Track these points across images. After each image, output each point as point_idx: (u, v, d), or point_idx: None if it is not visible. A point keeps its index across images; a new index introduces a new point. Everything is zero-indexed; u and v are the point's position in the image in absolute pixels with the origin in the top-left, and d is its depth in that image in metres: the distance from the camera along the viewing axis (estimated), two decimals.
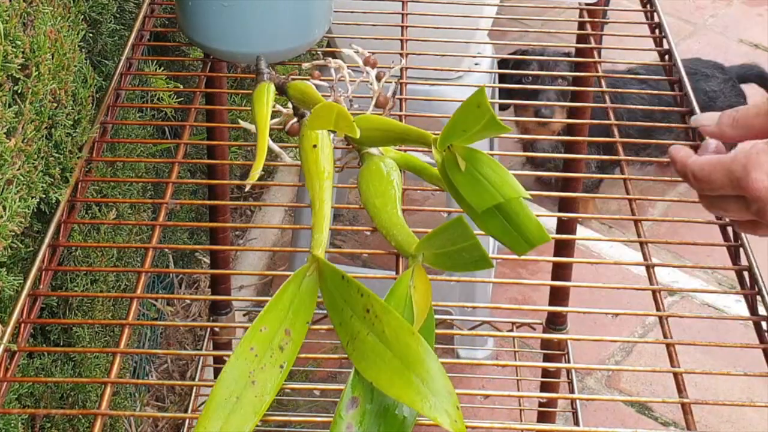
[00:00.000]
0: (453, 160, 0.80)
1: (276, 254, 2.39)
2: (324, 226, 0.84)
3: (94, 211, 1.30)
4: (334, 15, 1.21)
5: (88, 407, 1.32)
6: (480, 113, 0.74)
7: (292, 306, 0.74)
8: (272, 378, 0.70)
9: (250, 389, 0.69)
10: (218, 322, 1.72)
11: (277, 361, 0.71)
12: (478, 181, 0.78)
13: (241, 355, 0.71)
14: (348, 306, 0.70)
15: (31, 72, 0.95)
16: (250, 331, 0.72)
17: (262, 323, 0.72)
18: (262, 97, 0.98)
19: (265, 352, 0.71)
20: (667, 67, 1.28)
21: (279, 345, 0.71)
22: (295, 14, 1.12)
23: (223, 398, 0.69)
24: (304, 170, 0.91)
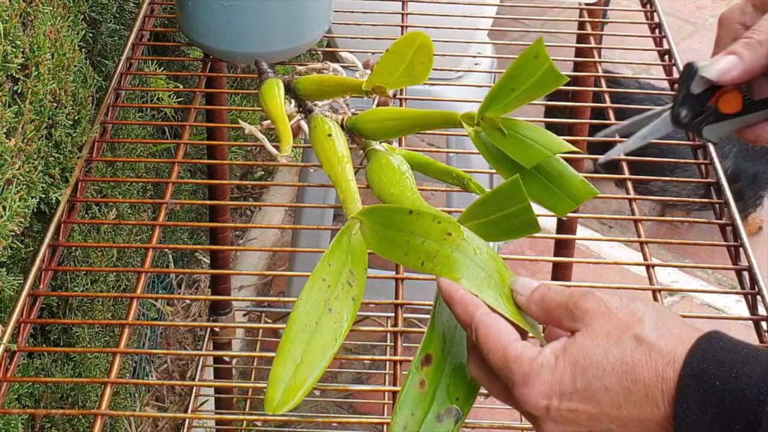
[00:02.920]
0: (493, 128, 0.80)
1: (276, 254, 2.39)
2: (356, 197, 0.84)
3: (94, 211, 1.30)
4: (334, 15, 1.21)
5: (88, 407, 1.32)
6: (538, 63, 0.74)
7: (349, 253, 0.74)
8: (347, 307, 0.70)
9: (327, 316, 0.70)
10: (218, 322, 1.72)
11: (349, 293, 0.71)
12: (522, 141, 0.79)
13: (315, 284, 0.71)
14: (416, 236, 0.71)
15: (31, 72, 0.95)
16: (320, 264, 0.72)
17: (330, 259, 0.73)
18: (272, 90, 0.98)
19: (336, 284, 0.72)
20: (667, 67, 1.28)
21: (347, 280, 0.72)
22: (295, 14, 1.12)
23: (303, 323, 0.69)
24: (322, 159, 0.91)
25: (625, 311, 0.63)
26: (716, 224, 1.05)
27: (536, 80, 0.75)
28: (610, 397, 0.61)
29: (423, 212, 0.71)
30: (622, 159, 1.13)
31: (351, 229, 0.76)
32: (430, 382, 0.70)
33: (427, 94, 1.50)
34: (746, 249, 1.00)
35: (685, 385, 0.58)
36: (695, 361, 0.59)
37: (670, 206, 2.45)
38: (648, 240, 1.02)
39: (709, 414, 0.57)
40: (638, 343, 0.61)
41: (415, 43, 0.83)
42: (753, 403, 0.56)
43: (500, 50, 1.94)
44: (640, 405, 0.60)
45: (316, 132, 0.93)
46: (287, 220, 2.46)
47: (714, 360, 0.58)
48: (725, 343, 0.59)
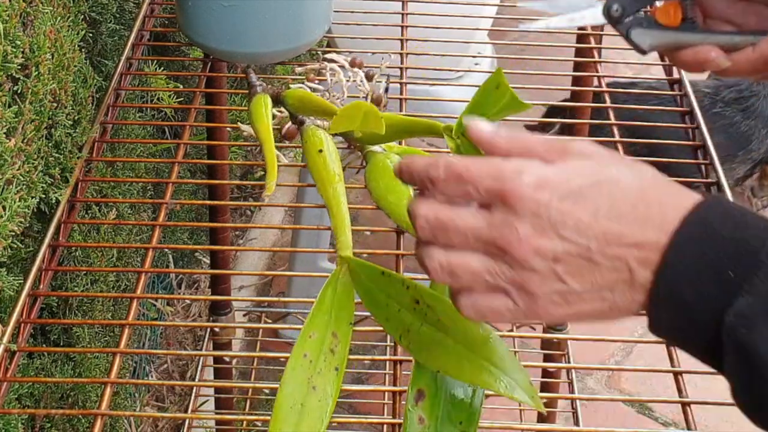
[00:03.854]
0: (470, 145, 0.80)
1: (276, 254, 2.39)
2: (346, 228, 0.84)
3: (94, 211, 1.30)
4: (334, 15, 1.21)
5: (88, 407, 1.32)
6: (499, 93, 0.74)
7: (333, 310, 0.74)
8: (330, 381, 0.71)
9: (312, 395, 0.70)
10: (218, 322, 1.71)
11: (332, 364, 0.71)
12: None
13: (297, 362, 0.71)
14: (393, 300, 0.70)
15: (31, 72, 0.95)
16: (300, 338, 0.72)
17: (311, 329, 0.73)
18: (260, 109, 0.98)
19: (319, 357, 0.72)
20: (667, 67, 1.28)
21: (330, 348, 0.72)
22: (295, 14, 1.12)
23: (288, 407, 0.69)
24: (314, 176, 0.91)
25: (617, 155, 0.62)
26: None
27: (501, 107, 0.76)
28: (612, 208, 0.58)
29: (393, 276, 0.71)
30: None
31: (337, 276, 0.76)
32: (428, 416, 0.70)
33: (426, 94, 1.50)
34: None
35: (689, 223, 0.57)
36: (701, 210, 0.57)
37: None
38: None
39: (706, 257, 0.56)
40: (654, 177, 0.60)
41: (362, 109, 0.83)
42: (754, 254, 0.55)
43: (500, 50, 1.94)
44: (634, 223, 0.58)
45: (308, 146, 0.94)
46: (287, 220, 2.46)
47: (720, 210, 0.57)
48: (727, 204, 0.58)
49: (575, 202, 0.59)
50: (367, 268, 0.74)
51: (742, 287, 0.54)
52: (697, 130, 1.17)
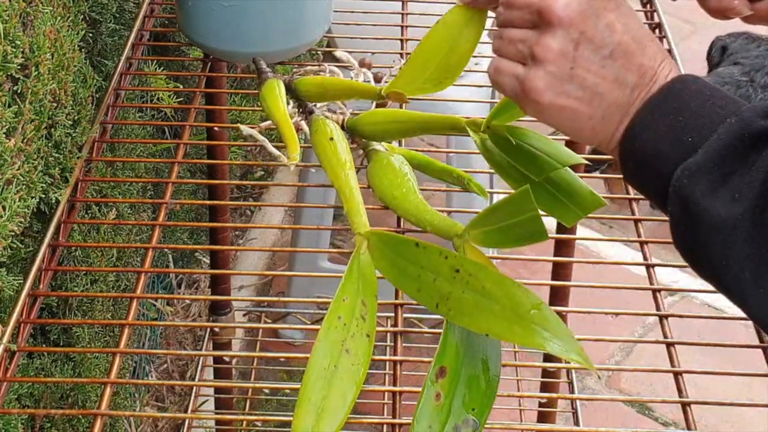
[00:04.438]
0: (499, 137, 0.80)
1: (276, 254, 2.39)
2: (361, 209, 0.84)
3: (93, 211, 1.30)
4: (334, 15, 1.21)
5: (88, 407, 1.32)
6: None
7: (360, 281, 0.74)
8: (362, 346, 0.71)
9: (345, 357, 0.70)
10: (218, 322, 1.71)
11: (363, 330, 0.71)
12: (530, 153, 0.79)
13: (332, 324, 0.71)
14: (427, 270, 0.70)
15: (31, 72, 0.95)
16: (335, 302, 0.72)
17: (344, 293, 0.73)
18: (273, 91, 0.98)
19: (352, 321, 0.72)
20: None
21: (361, 315, 0.72)
22: (295, 14, 1.12)
23: (322, 367, 0.69)
24: (324, 163, 0.90)
25: None
26: None
27: None
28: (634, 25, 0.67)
29: (429, 246, 0.71)
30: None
31: (360, 249, 0.76)
32: (445, 394, 0.70)
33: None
34: None
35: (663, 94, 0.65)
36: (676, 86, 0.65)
37: None
38: (648, 240, 1.02)
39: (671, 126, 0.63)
40: None
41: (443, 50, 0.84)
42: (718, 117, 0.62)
43: None
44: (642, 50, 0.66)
45: (318, 135, 0.93)
46: (287, 220, 2.46)
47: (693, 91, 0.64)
48: (703, 84, 0.65)
49: (613, 8, 0.66)
50: (396, 241, 0.74)
51: (696, 151, 0.62)
52: None
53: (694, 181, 0.61)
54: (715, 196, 0.60)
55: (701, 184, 0.61)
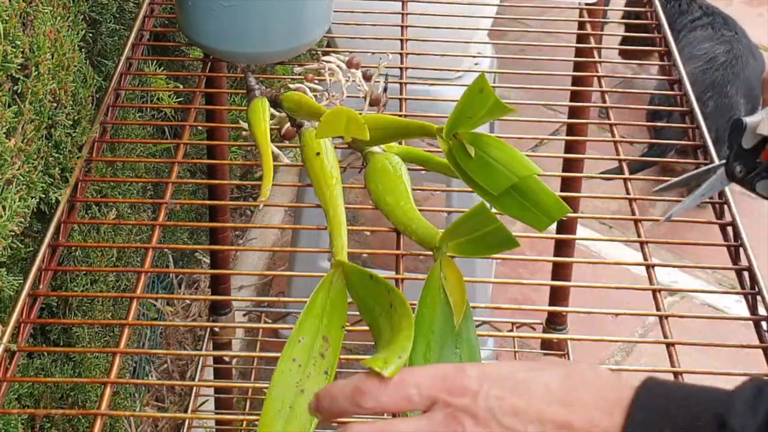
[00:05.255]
0: (461, 148, 0.81)
1: (276, 254, 2.39)
2: (342, 232, 0.85)
3: (93, 211, 1.30)
4: (334, 15, 1.21)
5: (88, 407, 1.32)
6: (484, 98, 0.75)
7: (325, 313, 0.74)
8: (319, 384, 0.70)
9: (300, 398, 0.70)
10: (218, 322, 1.72)
11: (321, 368, 0.71)
12: (489, 164, 0.79)
13: (285, 367, 0.71)
14: (377, 304, 0.71)
15: (31, 72, 0.95)
16: (289, 343, 0.72)
17: (300, 334, 0.73)
18: (257, 113, 0.98)
19: (308, 361, 0.72)
20: (667, 68, 1.28)
21: (320, 353, 0.72)
22: (295, 14, 1.12)
23: (277, 410, 0.69)
24: (311, 178, 0.91)
25: None
26: (717, 224, 1.05)
27: (487, 111, 0.77)
28: (547, 393, 0.60)
29: (379, 280, 0.71)
30: (623, 159, 1.13)
31: (331, 278, 0.76)
32: None
33: (427, 94, 1.50)
34: (746, 249, 1.00)
35: None
36: (639, 409, 0.58)
37: None
38: (648, 240, 1.02)
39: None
40: (590, 367, 0.62)
41: (343, 116, 0.84)
42: None
43: (500, 50, 1.94)
44: (567, 406, 0.59)
45: (306, 150, 0.94)
46: (287, 220, 2.46)
47: (660, 408, 0.58)
48: (667, 389, 0.59)
49: (512, 391, 0.60)
50: (357, 272, 0.74)
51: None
52: (697, 130, 1.17)
53: None
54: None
55: None
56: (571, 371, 0.61)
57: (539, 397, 0.60)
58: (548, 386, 0.60)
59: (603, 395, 0.59)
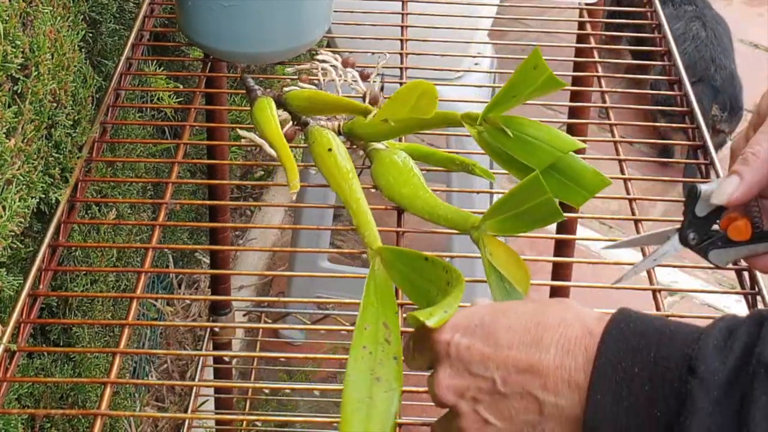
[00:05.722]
0: (496, 130, 0.81)
1: (276, 254, 2.39)
2: (370, 222, 0.84)
3: (93, 211, 1.30)
4: (334, 15, 1.21)
5: (88, 407, 1.32)
6: (537, 74, 0.75)
7: (378, 301, 0.74)
8: (392, 371, 0.70)
9: (377, 387, 0.69)
10: (218, 322, 1.71)
11: (390, 354, 0.71)
12: (528, 142, 0.80)
13: (357, 355, 0.71)
14: (434, 285, 0.71)
15: (31, 72, 0.95)
16: (357, 332, 0.72)
17: (364, 322, 0.73)
18: (265, 112, 0.97)
19: (377, 348, 0.71)
20: (667, 68, 1.28)
21: (384, 338, 0.72)
22: (295, 14, 1.12)
23: (356, 401, 0.69)
24: (326, 175, 0.91)
25: None
26: None
27: (536, 88, 0.77)
28: (509, 336, 0.61)
29: (436, 261, 0.71)
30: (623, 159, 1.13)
31: (374, 266, 0.76)
32: None
33: None
34: None
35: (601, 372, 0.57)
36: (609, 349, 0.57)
37: None
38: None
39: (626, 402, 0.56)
40: (559, 302, 0.62)
41: (418, 90, 0.83)
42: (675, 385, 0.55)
43: (500, 50, 1.94)
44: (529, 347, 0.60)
45: (316, 147, 0.93)
46: (287, 220, 2.46)
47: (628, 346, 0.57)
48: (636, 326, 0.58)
49: (479, 337, 0.62)
50: (407, 256, 0.74)
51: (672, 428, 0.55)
52: (697, 130, 1.17)
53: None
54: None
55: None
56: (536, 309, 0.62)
57: (503, 341, 0.61)
58: (511, 328, 0.61)
59: (568, 334, 0.60)
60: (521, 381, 0.60)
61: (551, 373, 0.59)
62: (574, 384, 0.58)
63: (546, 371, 0.59)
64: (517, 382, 0.60)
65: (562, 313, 0.61)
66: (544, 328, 0.60)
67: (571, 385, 0.58)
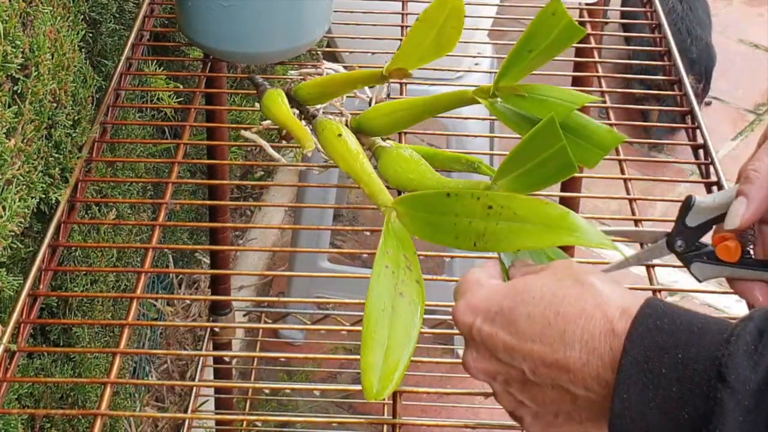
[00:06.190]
0: (511, 94, 0.81)
1: (276, 254, 2.39)
2: (382, 188, 0.85)
3: (93, 211, 1.30)
4: (334, 15, 1.21)
5: (88, 407, 1.32)
6: (555, 20, 0.75)
7: (397, 241, 0.75)
8: (415, 290, 0.71)
9: (400, 300, 0.70)
10: (218, 322, 1.71)
11: (412, 277, 0.72)
12: (544, 101, 0.80)
13: (380, 272, 0.71)
14: (462, 216, 0.70)
15: (31, 72, 0.95)
16: (379, 254, 0.72)
17: (386, 246, 0.73)
18: (276, 99, 0.98)
19: (399, 269, 0.72)
20: (667, 67, 1.28)
21: (406, 265, 0.72)
22: (295, 14, 1.12)
23: (380, 309, 0.69)
24: (337, 159, 0.91)
25: (577, 266, 0.63)
26: None
27: (554, 37, 0.76)
28: (530, 327, 0.60)
29: (461, 192, 0.71)
30: (623, 159, 1.13)
31: (390, 219, 0.76)
32: None
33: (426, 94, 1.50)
34: None
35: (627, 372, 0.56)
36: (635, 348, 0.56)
37: None
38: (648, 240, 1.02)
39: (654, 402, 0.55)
40: (576, 283, 0.61)
41: (447, 6, 0.83)
42: (704, 389, 0.54)
43: (500, 50, 1.94)
44: (553, 342, 0.59)
45: (326, 134, 0.93)
46: (287, 220, 2.46)
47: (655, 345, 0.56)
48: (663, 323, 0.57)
49: (500, 325, 0.61)
50: (427, 198, 0.74)
51: None
52: (697, 130, 1.17)
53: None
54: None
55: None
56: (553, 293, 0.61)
57: (526, 332, 0.60)
58: (531, 317, 0.60)
59: (590, 329, 0.58)
60: (550, 374, 0.59)
61: (578, 369, 0.58)
62: (603, 381, 0.58)
63: (573, 368, 0.58)
64: (546, 374, 0.60)
65: (581, 299, 0.60)
66: (564, 320, 0.59)
67: (600, 381, 0.58)
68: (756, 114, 2.88)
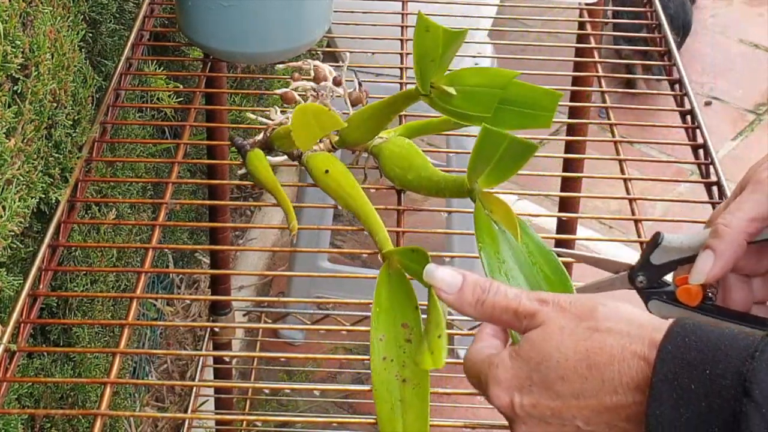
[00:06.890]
0: (442, 93, 0.82)
1: (276, 254, 2.39)
2: (380, 227, 0.87)
3: (93, 211, 1.30)
4: (334, 15, 1.21)
5: (88, 407, 1.32)
6: (432, 35, 0.78)
7: (394, 304, 0.75)
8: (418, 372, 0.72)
9: (405, 388, 0.71)
10: (218, 322, 1.72)
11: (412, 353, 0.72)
12: (471, 92, 0.81)
13: (379, 366, 0.73)
14: None
15: (31, 72, 0.95)
16: (372, 344, 0.73)
17: (378, 333, 0.74)
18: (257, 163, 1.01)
19: (398, 353, 0.73)
20: (667, 67, 1.28)
21: (405, 339, 0.73)
22: (295, 14, 1.12)
23: (389, 407, 0.71)
24: (332, 195, 0.95)
25: (577, 305, 0.63)
26: None
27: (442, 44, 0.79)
28: (568, 387, 0.60)
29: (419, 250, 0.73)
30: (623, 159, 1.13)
31: (387, 271, 0.77)
32: None
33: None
34: None
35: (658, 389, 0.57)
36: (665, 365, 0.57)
37: None
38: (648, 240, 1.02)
39: (684, 417, 0.56)
40: (592, 332, 0.61)
41: (308, 114, 0.87)
42: (731, 403, 0.55)
43: (500, 50, 1.94)
44: (596, 394, 0.60)
45: (315, 173, 0.97)
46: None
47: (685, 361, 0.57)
48: (691, 340, 0.58)
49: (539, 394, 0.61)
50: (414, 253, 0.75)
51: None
52: (697, 129, 1.17)
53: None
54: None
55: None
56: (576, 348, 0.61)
57: (566, 393, 0.61)
58: (565, 378, 0.61)
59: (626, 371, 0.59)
60: (605, 419, 0.60)
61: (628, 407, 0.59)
62: None
63: (623, 409, 0.59)
64: (601, 422, 0.60)
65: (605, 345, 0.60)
66: (599, 370, 0.60)
67: None
68: (756, 114, 2.88)
